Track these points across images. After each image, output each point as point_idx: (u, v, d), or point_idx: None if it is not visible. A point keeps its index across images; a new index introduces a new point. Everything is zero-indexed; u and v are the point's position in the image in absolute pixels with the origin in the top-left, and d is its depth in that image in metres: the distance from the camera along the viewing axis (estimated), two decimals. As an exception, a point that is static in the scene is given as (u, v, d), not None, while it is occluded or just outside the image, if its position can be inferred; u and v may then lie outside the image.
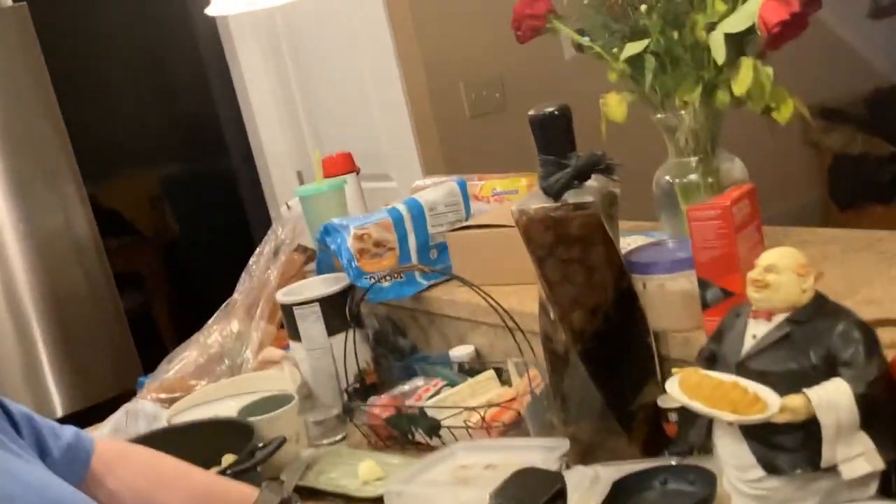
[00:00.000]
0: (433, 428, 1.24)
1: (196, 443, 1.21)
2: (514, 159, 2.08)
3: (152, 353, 3.14)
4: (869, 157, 3.29)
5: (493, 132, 2.64)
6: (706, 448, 0.92)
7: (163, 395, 1.49)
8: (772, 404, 0.78)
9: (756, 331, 0.83)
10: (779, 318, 0.82)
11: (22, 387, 2.84)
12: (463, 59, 2.60)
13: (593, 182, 1.02)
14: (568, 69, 2.71)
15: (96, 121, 3.76)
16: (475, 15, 2.59)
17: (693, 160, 1.24)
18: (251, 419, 1.22)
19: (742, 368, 0.82)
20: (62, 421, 2.99)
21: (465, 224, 1.52)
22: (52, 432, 0.98)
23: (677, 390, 0.82)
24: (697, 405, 0.80)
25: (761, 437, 0.80)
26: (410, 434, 1.28)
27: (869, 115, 3.40)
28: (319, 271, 1.59)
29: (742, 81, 1.15)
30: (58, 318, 2.89)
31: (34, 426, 0.96)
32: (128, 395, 1.77)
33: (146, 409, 1.45)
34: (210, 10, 1.67)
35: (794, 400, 0.78)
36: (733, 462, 0.83)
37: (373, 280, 1.44)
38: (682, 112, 1.22)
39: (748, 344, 0.83)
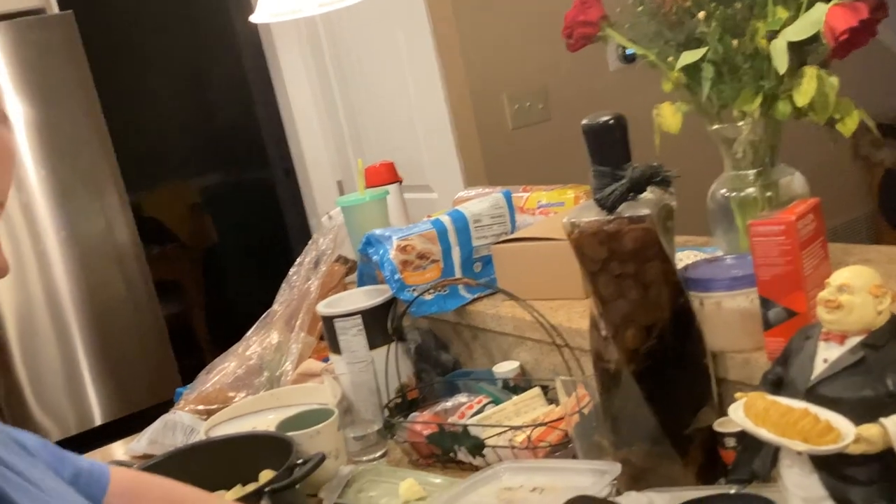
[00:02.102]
0: (477, 447, 1.20)
1: (234, 457, 1.19)
2: (556, 171, 2.04)
3: (190, 361, 3.15)
4: (923, 174, 3.20)
5: (536, 144, 2.61)
6: (765, 476, 0.87)
7: (201, 407, 1.47)
8: (846, 434, 0.73)
9: (827, 354, 0.78)
10: (852, 341, 0.77)
11: (62, 393, 2.86)
12: (506, 70, 2.58)
13: (649, 194, 0.98)
14: (613, 80, 2.68)
15: (139, 130, 3.80)
16: (519, 26, 2.56)
17: (751, 173, 1.19)
18: (290, 434, 1.19)
19: (812, 394, 0.77)
20: (102, 430, 2.98)
21: (510, 237, 1.48)
22: (69, 463, 0.95)
23: (742, 416, 0.77)
24: (765, 433, 0.75)
25: (833, 468, 0.75)
26: (453, 452, 1.24)
27: (923, 129, 3.30)
28: (360, 283, 1.56)
29: (805, 92, 1.10)
30: (98, 325, 2.90)
31: (51, 452, 0.93)
32: (166, 403, 1.76)
33: (184, 421, 1.44)
34: (254, 18, 1.65)
35: (870, 429, 0.73)
36: (801, 494, 0.78)
37: (416, 293, 1.40)
38: (741, 123, 1.17)
39: (819, 368, 0.78)
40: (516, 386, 1.34)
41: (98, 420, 2.90)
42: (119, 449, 1.62)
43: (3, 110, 0.80)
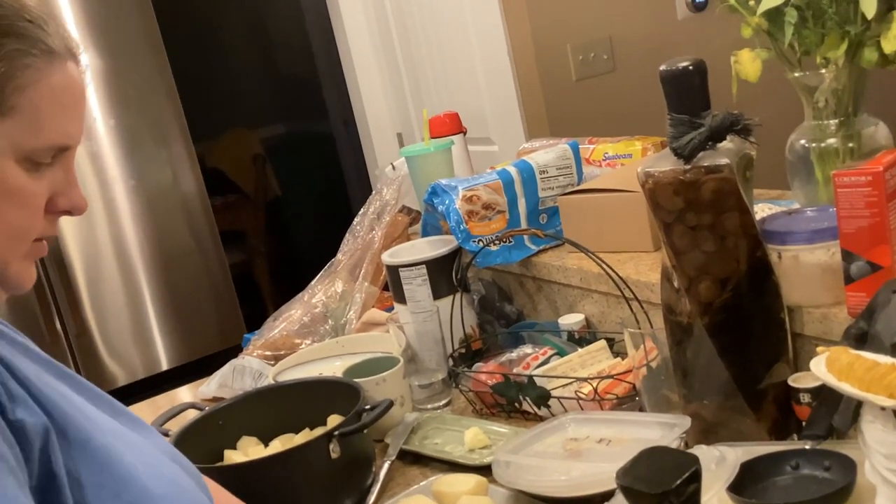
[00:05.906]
0: (542, 397, 1.20)
1: (302, 402, 1.20)
2: (620, 123, 2.00)
3: (253, 308, 3.21)
4: None
5: (600, 95, 2.55)
6: (846, 432, 0.85)
7: (268, 353, 1.50)
8: (934, 390, 0.70)
9: (916, 309, 0.75)
10: (943, 295, 0.74)
11: (129, 339, 2.94)
12: (571, 20, 2.52)
13: (728, 143, 0.95)
14: (680, 29, 2.60)
15: (204, 82, 3.82)
16: (585, -27, 2.50)
17: (832, 123, 1.15)
18: (358, 380, 1.20)
19: (899, 349, 0.75)
20: (168, 374, 3.03)
21: (577, 188, 1.46)
22: None
23: (824, 371, 0.75)
24: (848, 388, 0.73)
25: (918, 425, 0.73)
26: (517, 402, 1.24)
27: None
28: (425, 233, 1.56)
29: (893, 38, 1.06)
30: (165, 272, 2.96)
31: None
32: (231, 350, 1.79)
33: (252, 366, 1.46)
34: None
35: (960, 386, 0.70)
36: (883, 451, 0.76)
37: (481, 243, 1.40)
38: (823, 71, 1.13)
39: (906, 323, 0.75)
40: (581, 338, 1.33)
41: (164, 365, 2.98)
42: (186, 392, 1.67)
43: (74, 49, 0.75)
